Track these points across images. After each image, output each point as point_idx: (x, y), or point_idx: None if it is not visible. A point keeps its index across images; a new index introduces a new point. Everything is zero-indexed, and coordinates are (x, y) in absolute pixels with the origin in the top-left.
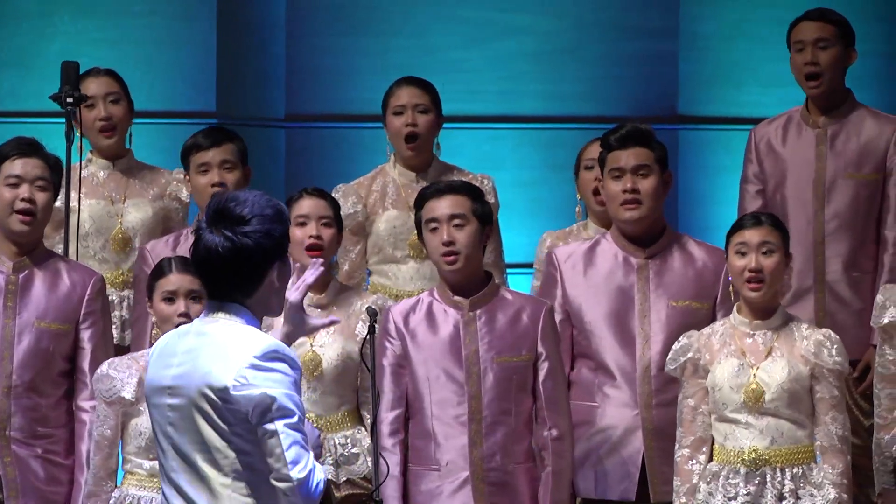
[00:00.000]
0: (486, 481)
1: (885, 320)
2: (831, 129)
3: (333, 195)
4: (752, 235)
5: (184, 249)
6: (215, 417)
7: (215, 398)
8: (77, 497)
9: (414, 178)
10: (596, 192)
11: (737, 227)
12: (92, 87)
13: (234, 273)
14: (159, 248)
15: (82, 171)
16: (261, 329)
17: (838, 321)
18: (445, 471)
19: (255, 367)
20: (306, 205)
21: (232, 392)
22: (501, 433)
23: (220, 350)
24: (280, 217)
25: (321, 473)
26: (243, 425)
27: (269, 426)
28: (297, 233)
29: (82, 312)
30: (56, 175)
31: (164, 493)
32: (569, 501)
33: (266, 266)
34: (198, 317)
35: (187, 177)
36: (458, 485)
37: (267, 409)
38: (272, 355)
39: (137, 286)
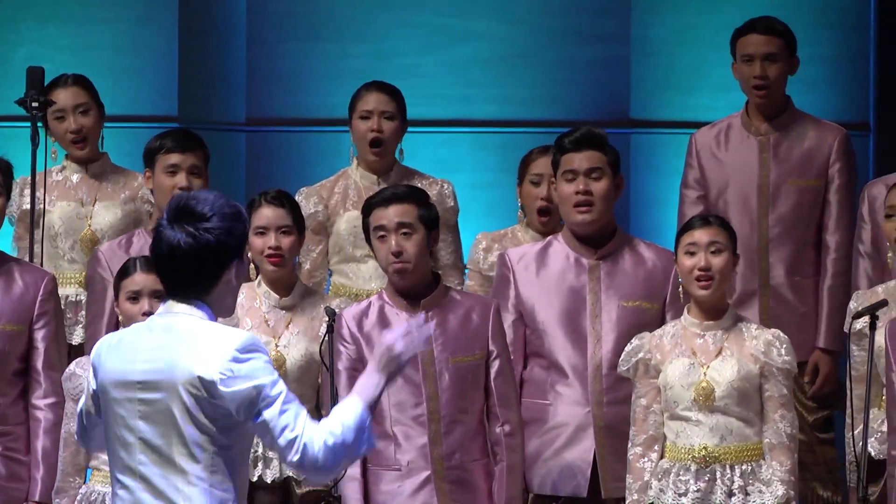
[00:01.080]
0: (446, 479)
1: (858, 326)
2: (774, 136)
3: (297, 198)
4: (701, 235)
5: (136, 250)
6: (197, 412)
7: (201, 392)
8: (34, 492)
9: (375, 181)
10: (541, 213)
11: (686, 228)
12: (61, 97)
13: (195, 269)
14: (111, 250)
15: (56, 175)
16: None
17: (782, 324)
18: (407, 471)
19: (237, 359)
20: (266, 215)
21: (219, 386)
22: (459, 431)
23: (197, 344)
24: (240, 216)
25: (319, 435)
26: (225, 420)
27: (258, 419)
28: (256, 242)
29: (35, 313)
30: (7, 179)
31: (122, 486)
32: (522, 495)
33: (226, 263)
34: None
35: (149, 175)
36: (419, 484)
37: (254, 403)
38: (250, 347)
39: (91, 287)
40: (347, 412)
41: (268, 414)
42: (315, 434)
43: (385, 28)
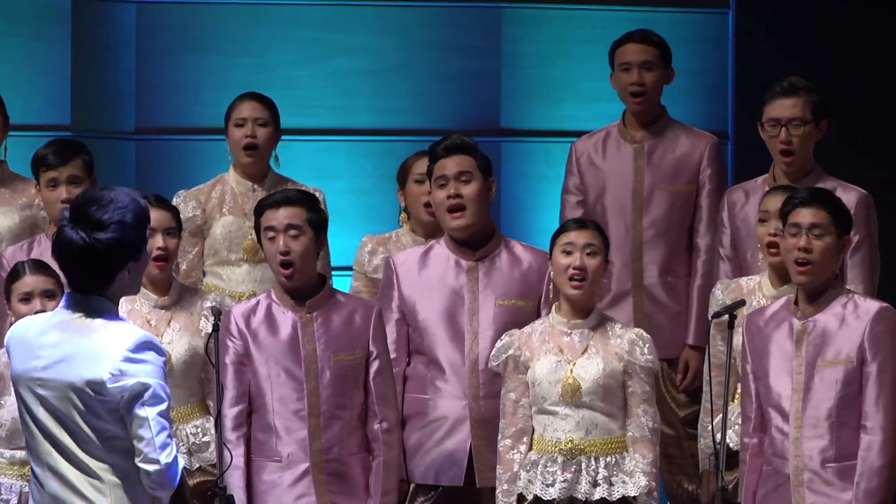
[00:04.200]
0: (324, 472)
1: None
2: (648, 143)
3: (175, 200)
4: (577, 237)
5: (37, 254)
6: (88, 411)
7: (89, 392)
8: None
9: (251, 186)
10: (427, 205)
11: (563, 230)
12: None
13: (88, 270)
14: (14, 254)
15: None
16: (118, 313)
17: (655, 322)
18: (287, 462)
19: (129, 359)
20: (153, 217)
21: (108, 385)
22: (338, 426)
23: (91, 344)
24: (139, 223)
25: (181, 462)
26: (115, 414)
27: (141, 412)
28: None
29: None
30: None
31: (35, 475)
32: (398, 488)
33: (117, 267)
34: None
35: (38, 188)
36: (298, 475)
37: (139, 396)
38: (143, 346)
39: None
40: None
41: (150, 411)
42: (179, 455)
43: (266, 42)
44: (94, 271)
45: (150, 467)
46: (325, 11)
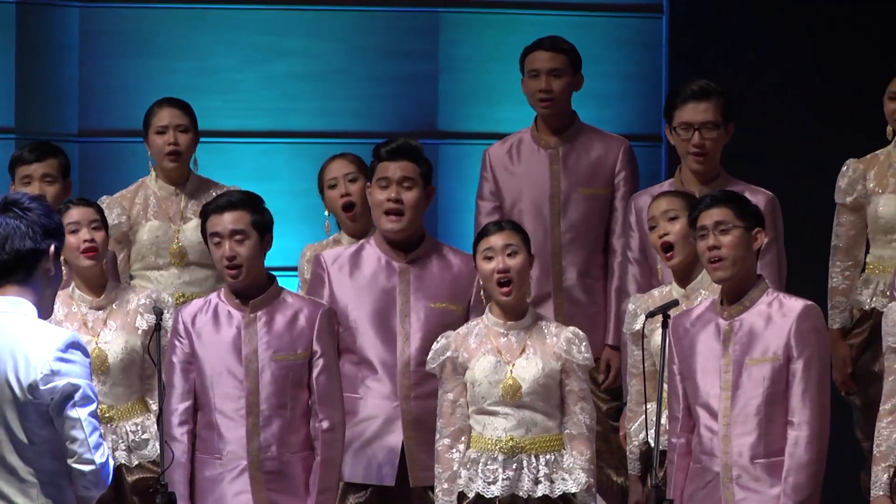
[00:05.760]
0: (262, 470)
1: (636, 327)
2: (563, 148)
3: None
4: (496, 240)
5: None
6: (22, 412)
7: (20, 394)
8: None
9: (173, 191)
10: (346, 208)
11: (482, 235)
12: None
13: (13, 255)
14: None
15: None
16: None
17: (574, 323)
18: (226, 459)
19: (60, 359)
20: (75, 213)
21: (41, 387)
22: (277, 425)
23: (18, 346)
24: (56, 222)
25: (111, 462)
26: (45, 417)
27: (73, 413)
28: (71, 240)
29: None
30: None
31: None
32: (337, 487)
33: (37, 261)
34: None
35: (13, 187)
36: (237, 473)
37: (69, 397)
38: (72, 345)
39: None
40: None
41: (82, 412)
42: (108, 451)
43: (207, 45)
44: (17, 256)
45: (85, 468)
46: (265, 16)
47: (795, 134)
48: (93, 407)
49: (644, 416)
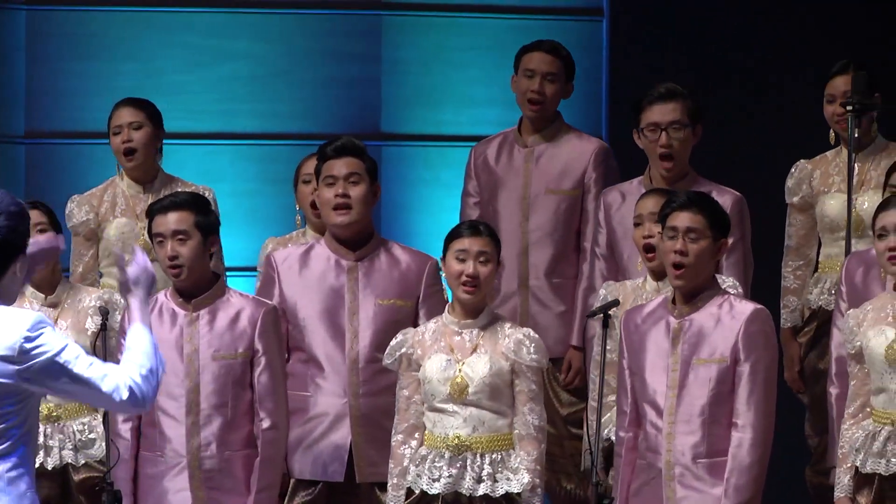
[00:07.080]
0: (201, 468)
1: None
2: (538, 148)
3: (68, 205)
4: (472, 244)
5: None
6: None
7: None
8: None
9: (141, 189)
10: (314, 206)
11: (456, 235)
12: None
13: None
14: None
15: None
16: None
17: (539, 322)
18: (167, 457)
19: (28, 339)
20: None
21: (12, 365)
22: (217, 424)
23: None
24: (24, 214)
25: (133, 371)
26: (17, 396)
27: (73, 379)
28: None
29: None
30: None
31: None
32: (278, 486)
33: (12, 257)
34: None
35: None
36: (177, 470)
37: (59, 370)
38: (38, 325)
39: None
40: (140, 341)
41: (80, 371)
42: (130, 371)
43: (153, 48)
44: None
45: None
46: (210, 18)
47: (742, 133)
48: (83, 362)
49: (611, 410)
